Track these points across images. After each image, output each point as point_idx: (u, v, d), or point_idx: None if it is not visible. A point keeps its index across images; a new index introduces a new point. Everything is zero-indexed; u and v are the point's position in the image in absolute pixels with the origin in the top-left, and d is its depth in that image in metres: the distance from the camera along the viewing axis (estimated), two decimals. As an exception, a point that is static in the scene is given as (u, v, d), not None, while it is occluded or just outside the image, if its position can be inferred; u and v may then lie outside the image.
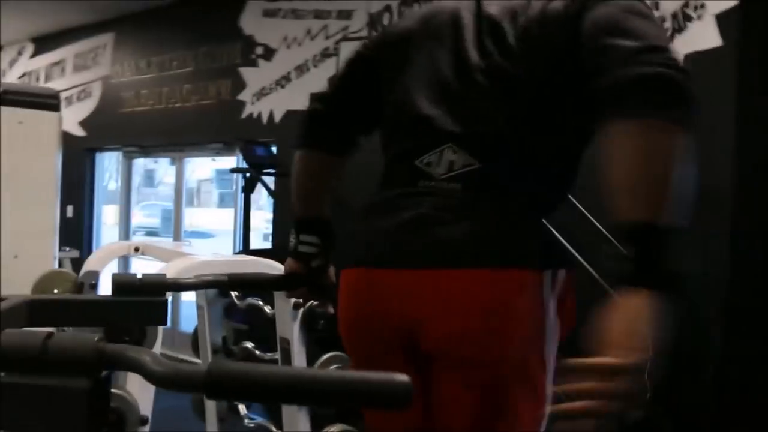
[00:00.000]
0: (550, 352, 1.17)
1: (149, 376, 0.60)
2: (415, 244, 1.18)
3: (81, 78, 7.60)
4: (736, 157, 3.49)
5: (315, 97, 1.49)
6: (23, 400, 0.60)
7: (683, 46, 3.81)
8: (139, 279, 1.13)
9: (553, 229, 1.24)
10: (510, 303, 1.11)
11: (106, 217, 8.29)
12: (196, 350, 2.95)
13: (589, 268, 3.69)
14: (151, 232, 14.50)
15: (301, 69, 5.72)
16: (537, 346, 1.15)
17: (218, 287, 1.81)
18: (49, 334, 0.62)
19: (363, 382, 0.63)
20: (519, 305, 1.12)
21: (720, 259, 3.48)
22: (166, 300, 1.12)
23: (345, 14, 5.47)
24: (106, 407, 0.64)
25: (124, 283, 1.11)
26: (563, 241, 1.31)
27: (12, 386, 0.59)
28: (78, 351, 0.60)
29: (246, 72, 6.13)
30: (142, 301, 1.11)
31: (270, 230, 6.96)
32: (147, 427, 1.97)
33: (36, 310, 1.03)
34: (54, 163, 2.99)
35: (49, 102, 3.00)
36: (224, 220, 9.23)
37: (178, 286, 1.28)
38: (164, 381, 0.60)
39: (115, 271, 5.89)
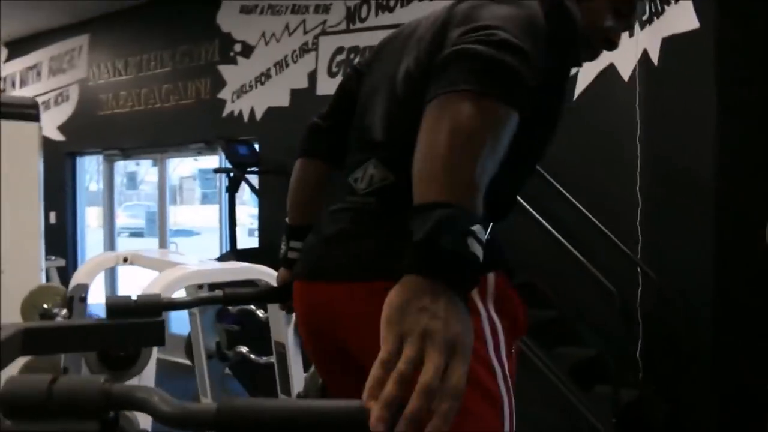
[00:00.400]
0: (497, 352, 1.15)
1: (159, 416, 0.60)
2: (331, 259, 1.22)
3: (57, 81, 7.52)
4: (717, 139, 3.51)
5: (316, 114, 1.50)
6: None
7: (661, 29, 3.83)
8: (134, 300, 1.12)
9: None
10: None
11: (89, 219, 8.21)
12: (190, 354, 2.95)
13: (590, 267, 3.72)
14: (135, 233, 14.41)
15: (281, 65, 5.69)
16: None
17: (214, 303, 1.80)
18: (54, 378, 0.61)
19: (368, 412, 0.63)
20: None
21: (705, 245, 3.52)
22: (163, 320, 1.11)
23: (323, 8, 5.44)
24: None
25: (118, 306, 1.10)
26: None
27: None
28: (85, 394, 0.60)
29: (225, 70, 6.09)
30: (138, 323, 1.10)
31: (254, 225, 6.94)
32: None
33: (31, 338, 1.02)
34: (36, 174, 2.96)
35: (28, 112, 2.96)
36: (208, 216, 9.17)
37: (174, 306, 1.27)
38: (174, 421, 0.60)
39: (103, 281, 5.84)
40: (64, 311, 2.20)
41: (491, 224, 1.17)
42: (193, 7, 6.28)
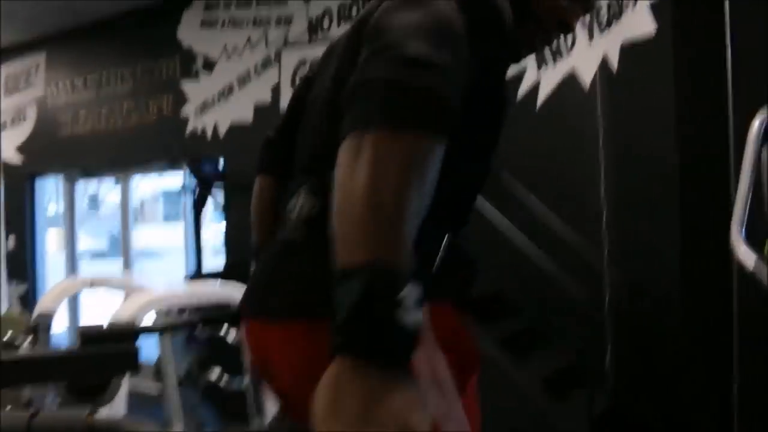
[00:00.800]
0: (440, 390, 1.04)
1: None
2: (258, 295, 1.15)
3: (14, 101, 7.38)
4: (678, 139, 3.59)
5: (272, 127, 1.45)
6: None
7: (620, 34, 3.91)
8: (107, 328, 1.09)
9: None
10: (309, 355, 0.94)
11: (50, 242, 8.04)
12: (159, 380, 2.89)
13: (554, 272, 3.74)
14: (98, 255, 14.14)
15: (243, 79, 5.67)
16: None
17: (191, 326, 1.77)
18: (34, 414, 0.58)
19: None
20: None
21: (672, 245, 3.58)
22: (137, 347, 1.08)
23: (284, 20, 5.44)
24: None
25: (91, 335, 1.07)
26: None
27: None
28: (68, 430, 0.57)
29: (187, 85, 6.05)
30: (112, 351, 1.07)
31: (219, 243, 6.85)
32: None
33: (2, 371, 0.98)
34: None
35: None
36: (172, 237, 9.02)
37: (149, 330, 1.24)
38: None
39: (65, 305, 5.71)
40: (29, 340, 2.13)
41: (446, 237, 1.10)
42: (153, 22, 6.23)
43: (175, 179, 6.54)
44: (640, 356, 3.87)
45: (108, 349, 1.05)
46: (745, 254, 2.51)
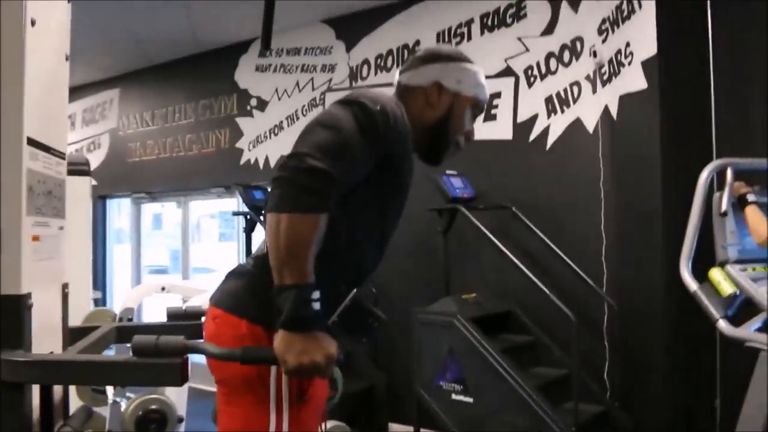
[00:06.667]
0: (278, 394, 1.44)
1: (209, 354, 1.19)
2: (217, 292, 1.60)
3: (90, 131, 8.04)
4: (662, 175, 3.89)
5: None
6: (145, 371, 1.18)
7: (619, 88, 4.36)
8: (185, 309, 1.70)
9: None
10: (221, 332, 1.45)
11: (117, 255, 8.52)
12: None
13: (554, 298, 4.10)
14: (159, 270, 14.86)
15: (292, 118, 6.23)
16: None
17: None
18: (158, 337, 1.20)
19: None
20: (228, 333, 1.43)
21: (655, 266, 3.91)
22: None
23: (329, 68, 6.01)
24: (187, 375, 1.22)
25: (175, 313, 1.69)
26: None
27: (138, 364, 1.18)
28: (174, 345, 1.19)
29: (242, 122, 6.64)
30: (192, 324, 1.68)
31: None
32: (183, 426, 2.53)
33: (122, 333, 1.61)
34: (88, 218, 3.56)
35: (81, 168, 3.58)
36: (225, 254, 9.56)
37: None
38: (217, 357, 1.18)
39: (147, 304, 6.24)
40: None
41: (351, 292, 1.53)
42: (214, 65, 6.80)
43: (231, 203, 7.11)
44: (631, 370, 4.21)
45: (187, 324, 1.67)
46: (689, 281, 3.02)
